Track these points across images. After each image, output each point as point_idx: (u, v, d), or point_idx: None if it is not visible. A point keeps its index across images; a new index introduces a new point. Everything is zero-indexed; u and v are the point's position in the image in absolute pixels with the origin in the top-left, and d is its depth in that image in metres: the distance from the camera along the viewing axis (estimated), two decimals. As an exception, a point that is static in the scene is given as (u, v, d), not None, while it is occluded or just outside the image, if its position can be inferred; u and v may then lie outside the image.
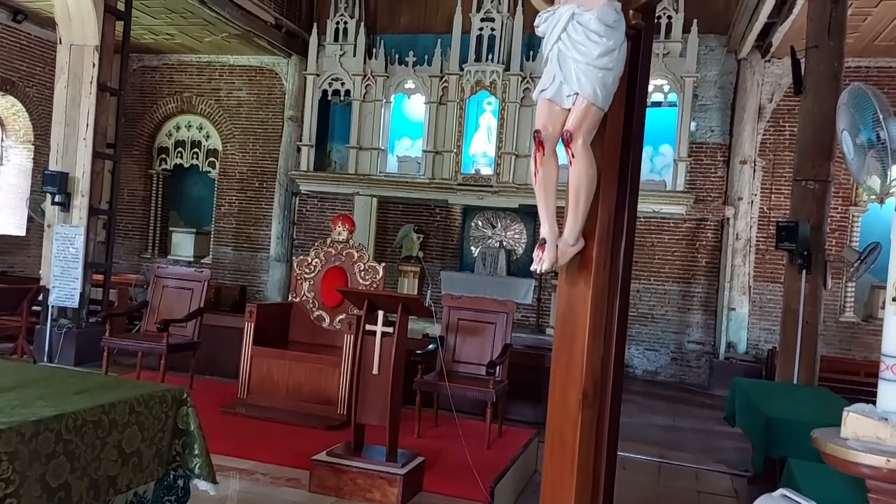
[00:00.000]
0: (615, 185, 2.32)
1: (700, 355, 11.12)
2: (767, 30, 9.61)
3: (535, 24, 2.35)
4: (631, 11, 2.26)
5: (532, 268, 2.30)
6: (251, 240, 13.16)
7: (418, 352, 5.48)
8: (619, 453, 2.58)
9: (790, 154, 10.20)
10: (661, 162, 10.85)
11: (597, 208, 2.27)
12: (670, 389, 10.58)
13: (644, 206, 9.65)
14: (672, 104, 10.52)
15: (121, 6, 8.84)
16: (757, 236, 10.81)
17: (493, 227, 12.37)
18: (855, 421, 2.27)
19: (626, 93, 2.29)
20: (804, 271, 6.49)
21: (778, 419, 4.80)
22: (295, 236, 12.99)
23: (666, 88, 10.41)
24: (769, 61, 10.51)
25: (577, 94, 2.24)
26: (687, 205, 10.51)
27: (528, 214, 11.59)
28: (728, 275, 10.79)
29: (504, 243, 12.27)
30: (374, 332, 4.50)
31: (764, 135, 10.77)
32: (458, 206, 12.02)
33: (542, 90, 2.29)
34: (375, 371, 4.47)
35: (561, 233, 2.28)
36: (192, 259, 13.32)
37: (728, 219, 10.84)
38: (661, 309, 11.26)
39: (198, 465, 3.02)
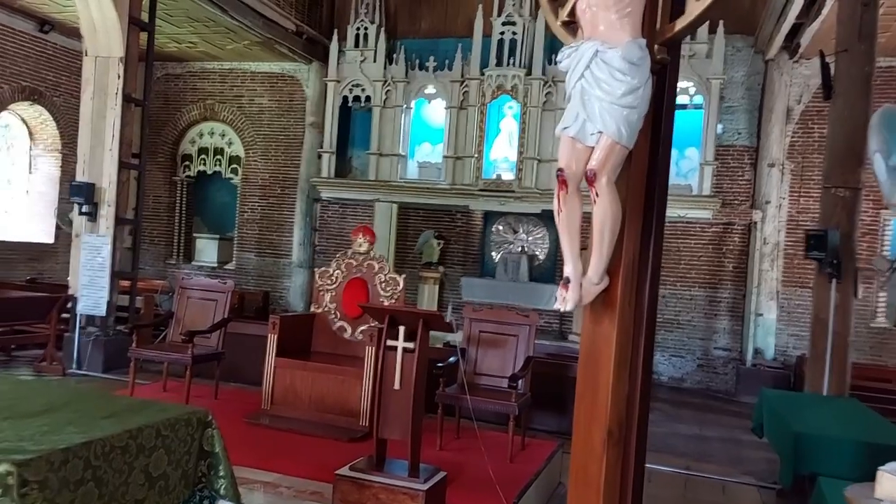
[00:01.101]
0: (640, 223, 2.28)
1: (727, 362, 10.98)
2: (795, 30, 9.45)
3: (557, 58, 2.31)
4: (656, 46, 2.21)
5: (555, 307, 2.26)
6: (273, 246, 13.23)
7: (439, 364, 5.44)
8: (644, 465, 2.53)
9: (819, 157, 10.03)
10: (686, 165, 10.73)
11: (621, 246, 2.23)
12: (697, 396, 10.46)
13: (669, 211, 9.43)
14: (698, 106, 10.40)
15: (144, 17, 8.92)
16: (785, 241, 10.64)
17: (515, 232, 12.32)
18: (889, 481, 2.20)
19: (650, 128, 2.25)
20: (834, 280, 6.36)
21: (807, 435, 4.71)
22: (316, 242, 13.05)
23: (692, 90, 10.28)
24: (797, 62, 10.34)
25: (600, 132, 2.20)
26: (713, 209, 10.39)
27: (551, 219, 11.46)
28: (755, 280, 10.64)
29: (526, 248, 12.21)
30: (395, 348, 4.48)
31: (792, 137, 10.59)
32: (479, 211, 11.99)
33: (565, 128, 2.25)
34: (397, 386, 4.45)
35: (585, 271, 2.25)
36: (215, 265, 13.44)
37: (755, 223, 10.69)
38: (686, 315, 11.14)
39: (223, 487, 3.03)
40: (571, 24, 2.39)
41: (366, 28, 11.81)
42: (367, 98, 11.74)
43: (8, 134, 12.39)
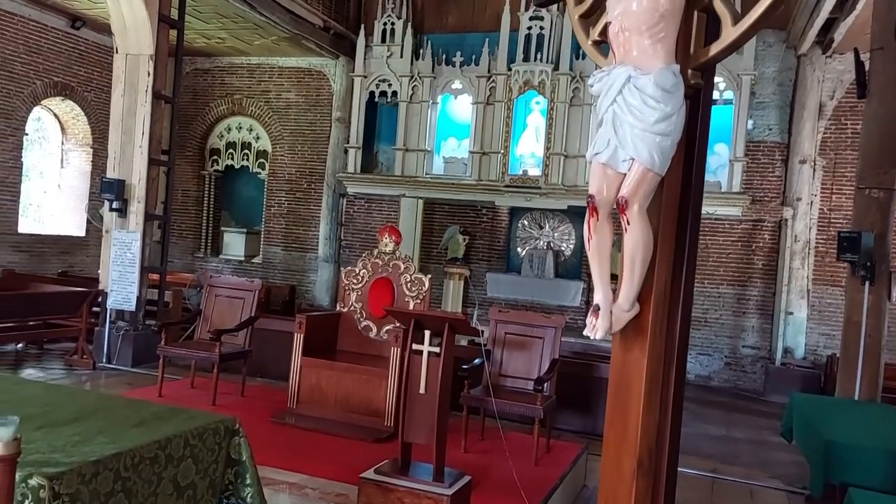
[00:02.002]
0: (672, 250, 2.24)
1: (755, 360, 10.84)
2: (829, 25, 9.25)
3: (589, 82, 2.27)
4: (690, 71, 2.16)
5: (584, 333, 2.24)
6: (300, 240, 13.31)
7: (465, 366, 5.44)
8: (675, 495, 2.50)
9: (852, 153, 9.83)
10: (716, 162, 10.56)
11: (653, 273, 2.19)
12: (724, 396, 10.35)
13: (697, 208, 9.43)
14: (728, 102, 10.24)
15: (174, 15, 8.99)
16: (816, 238, 10.46)
17: (541, 227, 12.26)
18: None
19: (684, 154, 2.20)
20: (867, 283, 6.24)
21: (838, 444, 4.63)
22: (342, 237, 13.10)
23: (722, 86, 10.12)
24: (830, 57, 10.12)
25: (632, 159, 2.16)
26: (743, 206, 10.25)
27: (577, 215, 11.43)
28: (786, 278, 10.48)
29: (552, 244, 12.15)
30: (420, 352, 4.48)
31: (825, 133, 10.38)
32: (504, 207, 11.94)
33: (597, 153, 2.21)
34: (422, 391, 4.46)
35: (615, 298, 2.22)
36: (243, 259, 13.57)
37: (786, 220, 10.52)
38: (714, 312, 11.01)
39: (249, 495, 3.06)
40: (602, 43, 2.35)
41: (392, 23, 11.80)
42: (394, 93, 11.74)
43: (40, 128, 12.59)
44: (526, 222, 12.30)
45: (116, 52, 8.77)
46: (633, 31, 2.13)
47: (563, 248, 12.13)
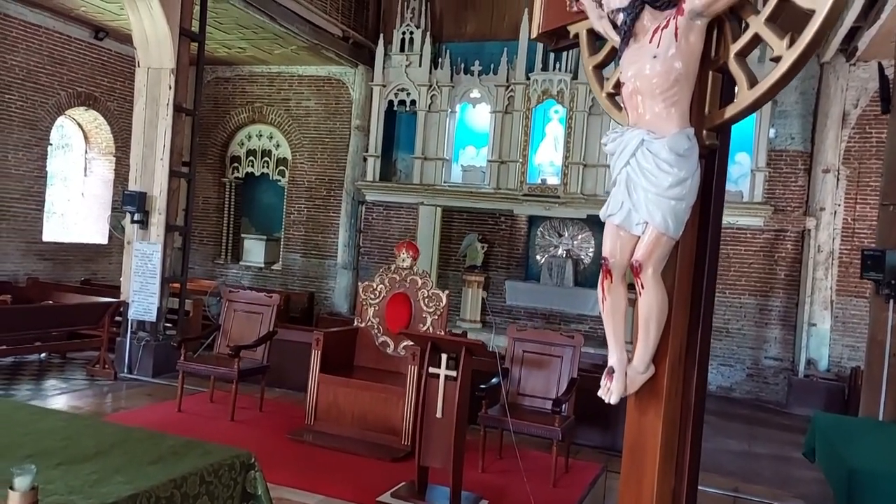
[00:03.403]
0: (687, 312, 2.20)
1: (778, 372, 10.71)
2: (853, 34, 9.11)
3: (602, 141, 2.24)
4: (705, 132, 2.12)
5: (599, 394, 2.21)
6: (319, 247, 13.36)
7: (482, 386, 5.43)
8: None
9: (877, 162, 9.68)
10: (737, 171, 10.44)
11: (668, 335, 2.15)
12: (746, 408, 10.23)
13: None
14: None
15: (195, 28, 9.06)
16: (840, 248, 10.30)
17: (560, 235, 12.20)
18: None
19: (699, 215, 2.17)
20: (892, 301, 6.13)
21: (863, 471, 4.53)
22: (361, 244, 13.13)
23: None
24: (854, 65, 9.97)
25: (646, 222, 2.13)
26: (765, 216, 10.12)
27: (597, 224, 11.35)
28: (809, 288, 10.33)
29: (571, 252, 12.08)
30: (437, 376, 4.48)
31: (848, 142, 10.22)
32: (523, 215, 11.90)
33: (610, 215, 2.19)
34: (439, 415, 4.46)
35: (630, 359, 2.18)
36: (262, 265, 13.66)
37: (809, 230, 10.37)
38: (736, 323, 10.89)
39: (265, 528, 3.06)
40: (617, 95, 2.32)
41: (411, 32, 11.80)
42: (412, 102, 11.74)
43: (64, 135, 12.75)
44: (545, 230, 12.24)
45: (138, 65, 8.84)
46: (647, 94, 2.10)
47: (582, 257, 12.06)
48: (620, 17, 2.20)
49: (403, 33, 11.85)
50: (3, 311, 7.73)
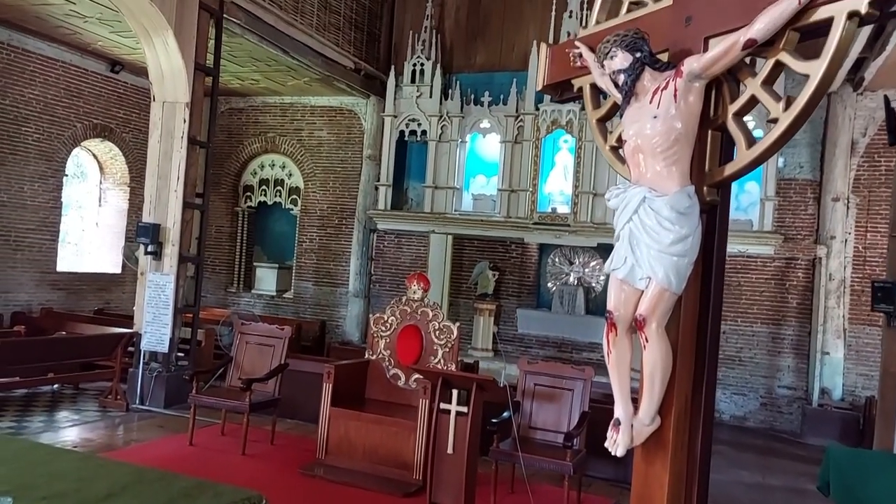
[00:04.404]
0: (692, 365, 2.23)
1: (792, 401, 10.62)
2: (859, 63, 9.16)
3: (605, 196, 2.29)
4: (705, 188, 2.17)
5: (605, 445, 2.23)
6: (331, 275, 13.43)
7: (494, 420, 5.42)
8: None
9: (887, 191, 9.68)
10: (746, 200, 10.46)
11: (673, 387, 2.18)
12: (760, 438, 10.13)
13: (729, 247, 9.32)
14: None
15: (209, 62, 9.22)
16: (852, 277, 10.26)
17: (571, 263, 12.21)
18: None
19: (701, 269, 2.21)
20: (904, 333, 6.10)
21: (877, 509, 4.49)
22: (372, 272, 13.19)
23: (752, 125, 9.99)
24: (862, 94, 10.00)
25: (649, 277, 2.17)
26: (775, 245, 10.11)
27: (608, 251, 11.32)
28: (821, 317, 10.28)
29: (582, 280, 12.09)
30: (448, 412, 4.49)
31: (857, 170, 10.23)
32: (534, 243, 11.94)
33: (614, 269, 2.23)
34: (450, 451, 4.47)
35: (636, 411, 2.21)
36: (274, 294, 13.73)
37: (820, 258, 10.34)
38: (749, 351, 10.83)
39: (276, 570, 3.07)
40: (620, 148, 2.37)
41: (422, 64, 11.95)
42: (423, 132, 11.86)
43: (79, 164, 12.93)
44: (557, 258, 12.26)
45: (153, 99, 9.01)
46: (648, 153, 2.15)
47: (593, 284, 12.06)
48: (622, 78, 2.26)
49: (414, 65, 12.00)
50: (17, 344, 7.81)
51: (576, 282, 12.10)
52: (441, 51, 12.15)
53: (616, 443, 2.19)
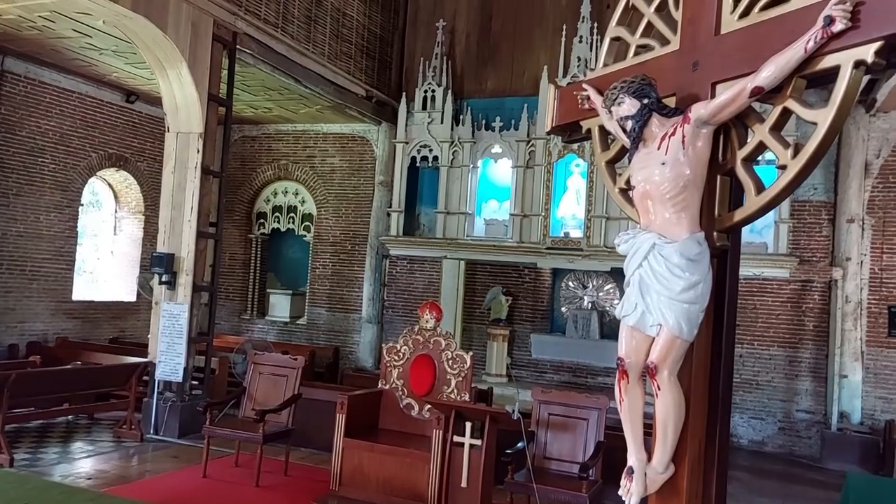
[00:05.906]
0: (705, 412, 2.21)
1: (810, 425, 10.47)
2: (871, 85, 9.13)
3: (615, 242, 2.29)
4: (715, 233, 2.17)
5: (619, 492, 2.21)
6: (344, 301, 13.46)
7: (508, 451, 5.38)
8: None
9: (902, 212, 9.61)
10: (761, 222, 10.35)
11: (686, 434, 2.16)
12: (778, 463, 9.99)
13: (744, 270, 9.26)
14: (770, 162, 10.03)
15: (223, 92, 9.34)
16: (868, 299, 10.14)
17: (585, 287, 12.17)
18: None
19: (713, 315, 2.20)
20: (924, 359, 6.01)
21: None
22: (385, 298, 13.20)
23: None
24: (875, 115, 9.97)
25: (660, 324, 2.15)
26: (790, 267, 10.04)
27: (622, 275, 11.25)
28: (838, 339, 10.15)
29: (596, 304, 12.04)
30: (461, 444, 4.47)
31: (872, 191, 10.16)
32: (547, 267, 11.91)
33: (625, 316, 2.22)
34: (464, 484, 4.44)
35: (650, 459, 2.19)
36: (288, 320, 13.76)
37: (836, 280, 10.25)
38: (766, 375, 10.71)
39: None
40: (630, 190, 2.38)
41: (433, 90, 12.04)
42: (435, 158, 11.91)
43: (94, 192, 13.07)
44: (570, 283, 12.22)
45: (168, 130, 9.12)
46: (657, 199, 2.15)
47: (607, 308, 11.99)
48: (629, 124, 2.26)
49: (425, 91, 12.09)
50: (32, 376, 7.84)
51: (590, 306, 12.05)
52: (452, 77, 12.24)
53: (630, 492, 2.17)
